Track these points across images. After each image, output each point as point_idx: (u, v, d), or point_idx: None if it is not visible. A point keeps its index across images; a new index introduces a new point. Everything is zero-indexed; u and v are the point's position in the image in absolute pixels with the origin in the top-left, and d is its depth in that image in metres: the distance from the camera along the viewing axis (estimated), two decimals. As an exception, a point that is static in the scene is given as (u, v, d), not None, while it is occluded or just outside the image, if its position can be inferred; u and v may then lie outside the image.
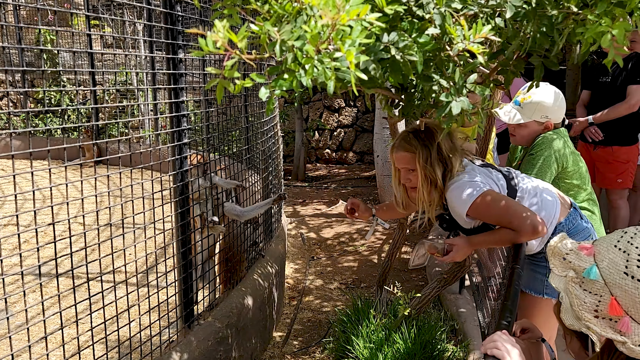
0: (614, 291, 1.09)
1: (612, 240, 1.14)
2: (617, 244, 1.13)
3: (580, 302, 1.12)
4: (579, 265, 1.15)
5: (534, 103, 2.36)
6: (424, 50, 1.21)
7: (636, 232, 1.14)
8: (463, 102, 1.22)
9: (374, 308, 3.18)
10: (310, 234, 6.03)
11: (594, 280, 1.11)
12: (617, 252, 1.12)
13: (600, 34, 1.15)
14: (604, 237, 1.19)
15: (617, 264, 1.10)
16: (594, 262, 1.14)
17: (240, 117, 3.43)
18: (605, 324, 1.11)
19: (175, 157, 2.33)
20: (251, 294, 3.07)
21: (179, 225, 2.39)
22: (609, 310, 1.09)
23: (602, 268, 1.12)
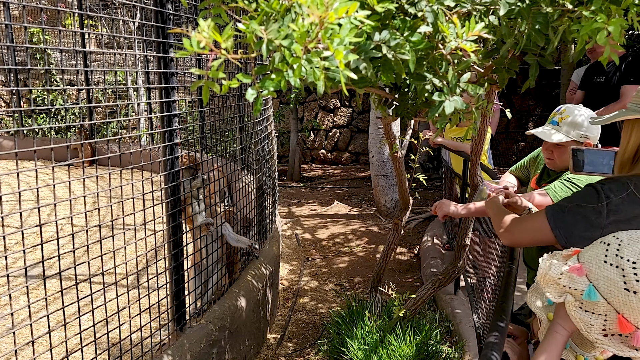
0: (619, 308, 1.06)
1: (599, 256, 1.11)
2: (606, 259, 1.10)
3: (586, 325, 1.09)
4: (575, 288, 1.12)
5: (573, 122, 2.23)
6: (416, 49, 1.19)
7: (619, 242, 1.11)
8: (456, 101, 1.20)
9: (368, 309, 3.16)
10: (305, 234, 6.00)
11: (595, 302, 1.09)
12: (610, 268, 1.09)
13: (595, 31, 1.13)
14: (586, 251, 1.16)
15: (615, 282, 1.07)
16: (588, 282, 1.11)
17: (234, 117, 3.39)
18: (617, 341, 1.09)
19: (166, 158, 2.30)
20: (245, 295, 3.04)
21: (170, 226, 2.36)
22: (619, 328, 1.07)
23: (599, 288, 1.09)
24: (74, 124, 1.77)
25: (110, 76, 10.18)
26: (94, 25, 9.53)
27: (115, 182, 5.09)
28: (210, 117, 4.64)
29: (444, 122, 1.25)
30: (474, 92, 1.24)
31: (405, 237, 5.76)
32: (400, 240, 5.74)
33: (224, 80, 0.93)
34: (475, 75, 1.62)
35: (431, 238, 5.14)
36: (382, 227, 6.16)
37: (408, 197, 2.94)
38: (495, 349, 1.15)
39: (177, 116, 2.30)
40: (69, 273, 3.35)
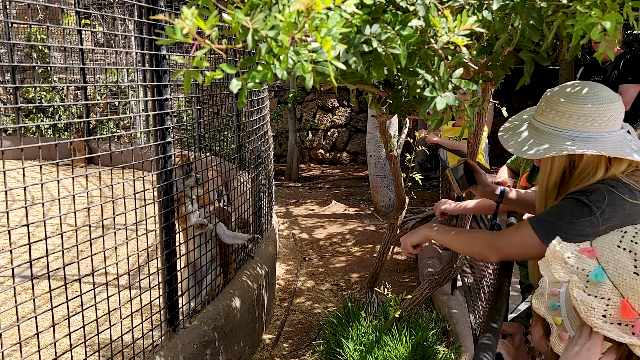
0: (625, 293, 1.04)
1: (613, 241, 1.10)
2: (620, 244, 1.08)
3: (587, 307, 1.06)
4: (583, 268, 1.10)
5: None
6: (407, 43, 1.16)
7: (637, 230, 1.09)
8: (448, 97, 1.17)
9: (364, 310, 3.13)
10: (302, 234, 5.98)
11: (600, 283, 1.06)
12: (623, 252, 1.07)
13: (590, 26, 1.10)
14: (601, 238, 1.14)
15: (625, 265, 1.05)
16: (598, 264, 1.09)
17: (229, 115, 3.37)
18: (616, 328, 1.06)
19: (158, 156, 2.27)
20: (239, 296, 3.01)
21: (162, 226, 2.34)
22: (622, 313, 1.04)
23: (608, 270, 1.07)
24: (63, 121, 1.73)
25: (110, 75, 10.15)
26: (92, 24, 9.50)
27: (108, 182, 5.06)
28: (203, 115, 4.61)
29: (436, 119, 1.23)
30: (467, 88, 1.21)
31: (403, 237, 5.74)
32: (397, 239, 5.73)
33: (208, 71, 0.91)
34: (470, 71, 1.59)
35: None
36: (380, 226, 6.14)
37: (404, 196, 2.91)
38: (488, 350, 1.12)
39: (169, 114, 2.27)
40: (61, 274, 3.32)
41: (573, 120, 1.39)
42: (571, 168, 1.47)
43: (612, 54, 1.17)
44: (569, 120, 1.40)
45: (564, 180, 1.49)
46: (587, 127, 1.38)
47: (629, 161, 1.40)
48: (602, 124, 1.38)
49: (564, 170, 1.46)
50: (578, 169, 1.44)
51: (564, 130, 1.40)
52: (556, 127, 1.41)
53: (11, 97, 10.06)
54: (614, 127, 1.40)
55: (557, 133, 1.41)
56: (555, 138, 1.41)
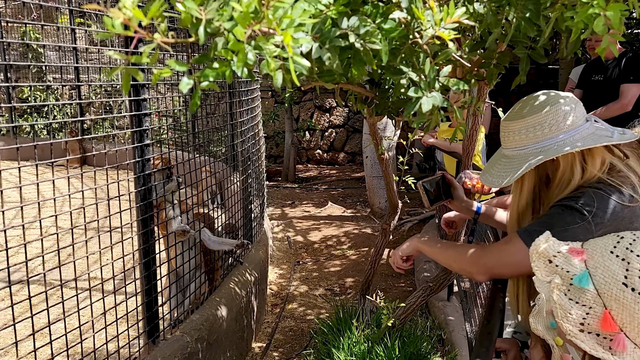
0: (608, 303, 0.94)
1: (607, 245, 0.98)
2: (614, 250, 0.97)
3: (564, 313, 0.96)
4: (568, 270, 0.99)
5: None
6: (389, 37, 1.05)
7: (635, 237, 0.98)
8: (435, 97, 1.05)
9: (356, 318, 3.02)
10: (297, 237, 5.86)
11: (584, 289, 0.95)
12: (615, 259, 0.96)
13: (592, 18, 0.98)
14: (596, 240, 1.03)
15: (614, 273, 0.95)
16: (585, 267, 0.98)
17: (214, 116, 3.25)
18: (592, 340, 0.95)
19: (136, 160, 2.16)
20: (226, 304, 2.89)
21: (141, 233, 2.22)
22: (601, 325, 0.93)
23: (595, 276, 0.96)
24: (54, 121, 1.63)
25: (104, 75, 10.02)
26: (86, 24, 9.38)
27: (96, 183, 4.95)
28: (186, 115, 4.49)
29: (422, 121, 1.11)
30: (456, 88, 1.10)
31: (399, 240, 5.62)
32: (394, 243, 5.61)
33: (155, 69, 0.79)
34: (462, 70, 1.48)
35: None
36: (376, 229, 6.02)
37: (397, 201, 2.80)
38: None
39: (148, 115, 2.16)
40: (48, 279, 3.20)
41: (532, 133, 1.35)
42: (547, 182, 1.40)
43: (616, 49, 1.06)
44: (528, 135, 1.36)
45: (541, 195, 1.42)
46: (546, 133, 1.34)
47: (601, 155, 1.34)
48: (561, 124, 1.33)
49: (535, 187, 1.41)
50: (556, 179, 1.38)
51: (529, 146, 1.36)
52: (522, 146, 1.37)
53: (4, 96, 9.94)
54: (577, 123, 1.34)
55: (523, 152, 1.37)
56: (523, 157, 1.36)
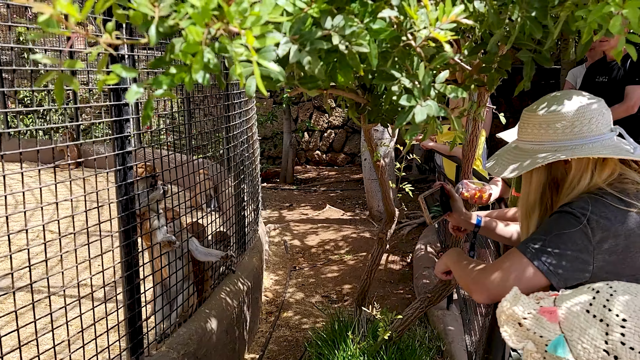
0: None
1: (582, 303, 0.86)
2: (590, 308, 0.84)
3: None
4: (541, 335, 0.87)
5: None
6: (379, 39, 0.93)
7: (611, 292, 0.86)
8: (430, 106, 0.94)
9: (352, 330, 2.90)
10: (294, 241, 5.75)
11: (561, 359, 0.83)
12: (592, 320, 0.84)
13: (607, 17, 0.87)
14: (568, 295, 0.90)
15: (593, 338, 0.83)
16: (559, 331, 0.86)
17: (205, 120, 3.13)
18: None
19: (117, 168, 2.04)
20: (216, 315, 2.78)
21: (123, 244, 2.10)
22: None
23: (572, 341, 0.83)
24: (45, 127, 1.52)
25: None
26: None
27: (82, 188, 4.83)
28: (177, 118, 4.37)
29: (416, 132, 1.00)
30: (454, 95, 0.98)
31: (398, 245, 5.51)
32: (392, 247, 5.49)
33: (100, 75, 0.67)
34: (462, 75, 1.36)
35: (424, 246, 4.88)
36: (375, 233, 5.90)
37: (393, 209, 2.68)
38: None
39: (129, 121, 2.04)
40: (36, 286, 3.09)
41: (552, 130, 1.29)
42: (556, 184, 1.35)
43: (634, 52, 0.94)
44: (547, 131, 1.29)
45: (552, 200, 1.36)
46: (567, 134, 1.28)
47: (612, 167, 1.29)
48: (584, 127, 1.27)
49: (544, 186, 1.35)
50: (565, 183, 1.32)
51: (545, 142, 1.30)
52: (538, 141, 1.31)
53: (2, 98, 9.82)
54: (600, 131, 1.28)
55: (539, 148, 1.31)
56: (537, 153, 1.30)
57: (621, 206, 1.24)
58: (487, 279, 1.32)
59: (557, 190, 1.35)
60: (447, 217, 1.77)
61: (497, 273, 1.31)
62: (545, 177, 1.34)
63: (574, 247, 1.22)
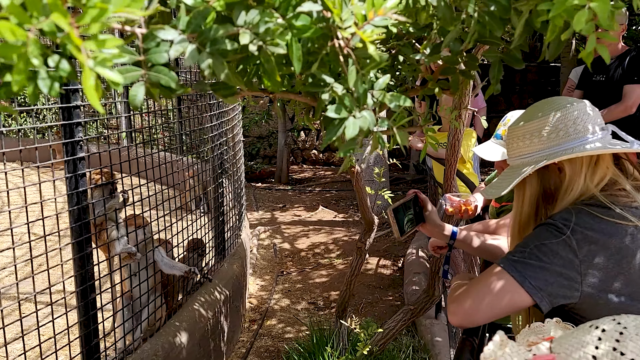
0: None
1: (587, 346, 0.71)
2: (597, 353, 0.69)
3: None
4: None
5: None
6: (303, 38, 0.78)
7: (621, 329, 0.71)
8: (365, 118, 0.79)
9: (330, 343, 2.76)
10: (284, 244, 5.60)
11: None
12: None
13: (572, 11, 0.72)
14: (567, 337, 0.76)
15: None
16: None
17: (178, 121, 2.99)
18: None
19: (68, 175, 1.90)
20: (187, 328, 2.64)
21: (76, 257, 1.96)
22: None
23: None
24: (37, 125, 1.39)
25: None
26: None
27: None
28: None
29: (352, 148, 0.85)
30: (395, 105, 0.83)
31: (390, 248, 5.36)
32: (384, 251, 5.34)
33: None
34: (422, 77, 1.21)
35: (416, 250, 4.72)
36: (367, 236, 5.75)
37: (371, 217, 2.54)
38: None
39: (81, 125, 1.90)
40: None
41: (537, 139, 1.21)
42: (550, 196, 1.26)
43: (607, 53, 0.79)
44: (532, 140, 1.22)
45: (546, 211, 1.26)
46: (553, 139, 1.20)
47: (604, 170, 1.19)
48: (570, 129, 1.19)
49: (537, 198, 1.26)
50: (561, 190, 1.22)
51: (533, 153, 1.22)
52: (526, 154, 1.23)
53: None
54: (587, 130, 1.19)
55: (528, 160, 1.23)
56: (527, 165, 1.22)
57: (609, 218, 1.13)
58: (463, 298, 1.19)
59: (551, 202, 1.25)
60: (420, 229, 1.63)
61: (473, 292, 1.18)
62: (537, 189, 1.26)
63: (557, 261, 1.11)
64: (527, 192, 1.26)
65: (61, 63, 0.54)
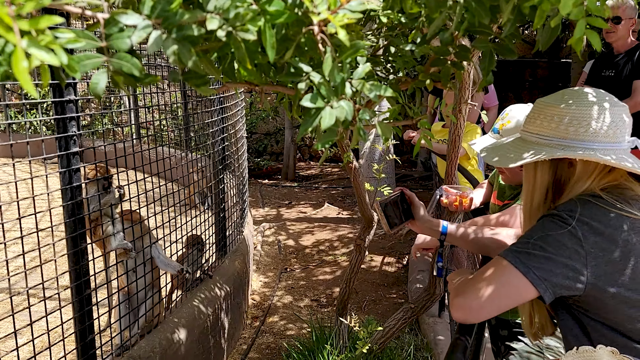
0: None
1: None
2: None
3: None
4: None
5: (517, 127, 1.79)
6: (277, 24, 0.75)
7: None
8: (342, 108, 0.75)
9: (330, 341, 2.73)
10: (288, 241, 5.58)
11: None
12: None
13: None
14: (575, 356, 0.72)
15: None
16: None
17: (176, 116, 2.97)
18: None
19: (61, 170, 1.88)
20: (186, 325, 2.62)
21: (71, 252, 1.95)
22: None
23: None
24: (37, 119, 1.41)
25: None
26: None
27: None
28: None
29: (331, 139, 0.81)
30: (374, 95, 0.79)
31: (395, 245, 5.32)
32: (389, 248, 5.30)
33: None
34: (412, 70, 1.17)
35: (421, 248, 4.66)
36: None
37: (370, 214, 2.50)
38: None
39: (74, 119, 1.88)
40: None
41: (564, 125, 1.15)
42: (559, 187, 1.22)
43: (598, 40, 0.74)
44: (559, 125, 1.15)
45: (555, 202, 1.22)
46: (580, 133, 1.13)
47: (615, 178, 1.17)
48: (601, 131, 1.13)
49: (548, 187, 1.22)
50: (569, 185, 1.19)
51: (553, 138, 1.16)
52: (545, 136, 1.17)
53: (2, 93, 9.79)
54: (616, 138, 1.14)
55: (545, 142, 1.17)
56: (542, 147, 1.17)
57: (615, 210, 1.10)
58: (466, 292, 1.15)
59: (559, 194, 1.22)
60: (409, 226, 1.61)
61: (476, 285, 1.14)
62: (550, 176, 1.21)
63: (562, 252, 1.08)
64: (538, 178, 1.22)
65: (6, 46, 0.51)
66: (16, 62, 0.47)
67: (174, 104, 5.18)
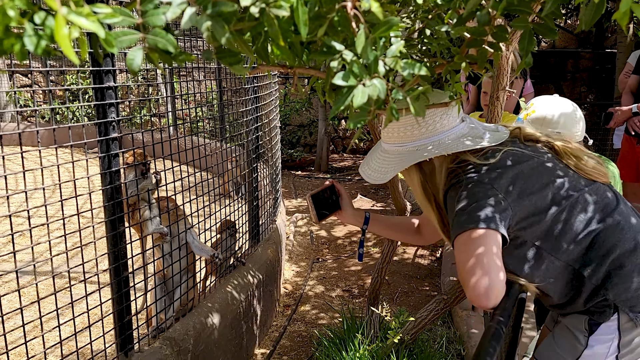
0: None
1: None
2: None
3: None
4: None
5: (540, 118, 1.86)
6: (308, 1, 0.75)
7: None
8: (375, 86, 0.75)
9: (361, 330, 2.73)
10: (320, 231, 5.60)
11: None
12: None
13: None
14: None
15: None
16: None
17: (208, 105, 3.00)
18: None
19: (101, 155, 1.94)
20: (219, 310, 2.67)
21: (110, 235, 2.01)
22: None
23: None
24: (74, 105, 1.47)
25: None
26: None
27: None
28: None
29: (363, 119, 0.81)
30: (408, 73, 0.78)
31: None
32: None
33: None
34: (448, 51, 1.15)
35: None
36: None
37: (404, 203, 2.48)
38: None
39: (113, 105, 1.93)
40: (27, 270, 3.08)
41: (409, 132, 1.38)
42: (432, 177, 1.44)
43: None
44: (405, 132, 1.39)
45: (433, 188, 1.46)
46: (423, 132, 1.37)
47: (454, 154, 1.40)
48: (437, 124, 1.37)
49: (423, 183, 1.44)
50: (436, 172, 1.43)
51: (407, 143, 1.39)
52: (399, 143, 1.40)
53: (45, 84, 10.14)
54: (451, 124, 1.38)
55: (401, 149, 1.40)
56: (401, 154, 1.40)
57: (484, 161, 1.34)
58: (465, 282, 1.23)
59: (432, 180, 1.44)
60: (336, 216, 1.77)
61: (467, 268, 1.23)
62: (419, 174, 1.43)
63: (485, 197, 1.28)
64: (414, 180, 1.44)
65: (47, 20, 0.53)
66: (58, 29, 0.49)
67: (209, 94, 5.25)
